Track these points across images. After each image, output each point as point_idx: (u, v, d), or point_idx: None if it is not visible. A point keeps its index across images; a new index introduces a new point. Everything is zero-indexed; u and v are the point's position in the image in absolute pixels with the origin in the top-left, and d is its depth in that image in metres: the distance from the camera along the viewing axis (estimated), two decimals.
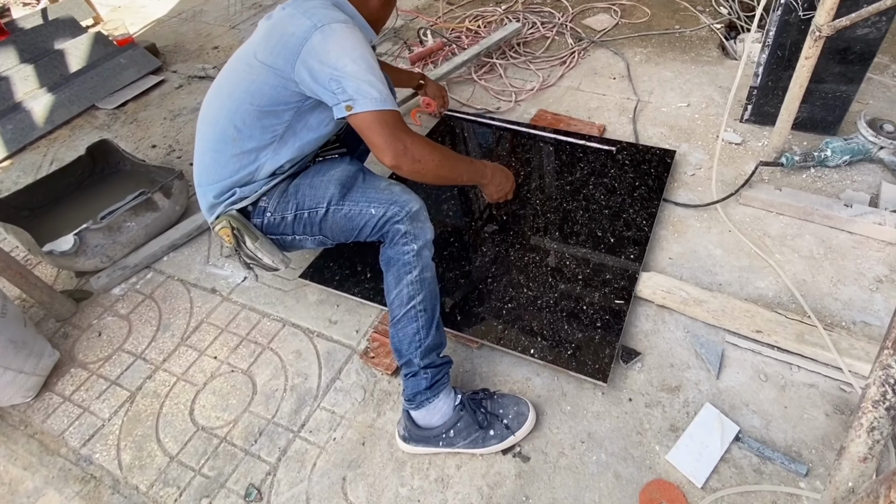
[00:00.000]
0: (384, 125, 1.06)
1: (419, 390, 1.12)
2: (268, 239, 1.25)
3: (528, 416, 1.15)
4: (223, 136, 1.19)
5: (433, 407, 1.12)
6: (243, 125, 1.17)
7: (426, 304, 1.14)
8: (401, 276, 1.14)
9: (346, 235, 1.23)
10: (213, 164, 1.22)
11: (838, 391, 1.15)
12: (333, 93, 1.05)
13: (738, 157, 1.72)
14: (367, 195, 1.19)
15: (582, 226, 1.52)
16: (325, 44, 1.05)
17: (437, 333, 1.15)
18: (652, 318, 1.33)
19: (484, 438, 1.13)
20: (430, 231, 1.19)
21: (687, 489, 1.05)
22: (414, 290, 1.13)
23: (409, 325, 1.13)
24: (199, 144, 1.26)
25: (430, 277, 1.17)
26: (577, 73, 2.22)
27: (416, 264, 1.14)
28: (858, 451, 0.54)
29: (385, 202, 1.15)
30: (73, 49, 2.52)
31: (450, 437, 1.13)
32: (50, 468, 1.27)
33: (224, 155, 1.20)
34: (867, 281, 1.34)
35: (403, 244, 1.14)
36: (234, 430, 1.27)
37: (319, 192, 1.20)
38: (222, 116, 1.19)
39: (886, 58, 2.00)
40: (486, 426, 1.13)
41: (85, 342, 1.52)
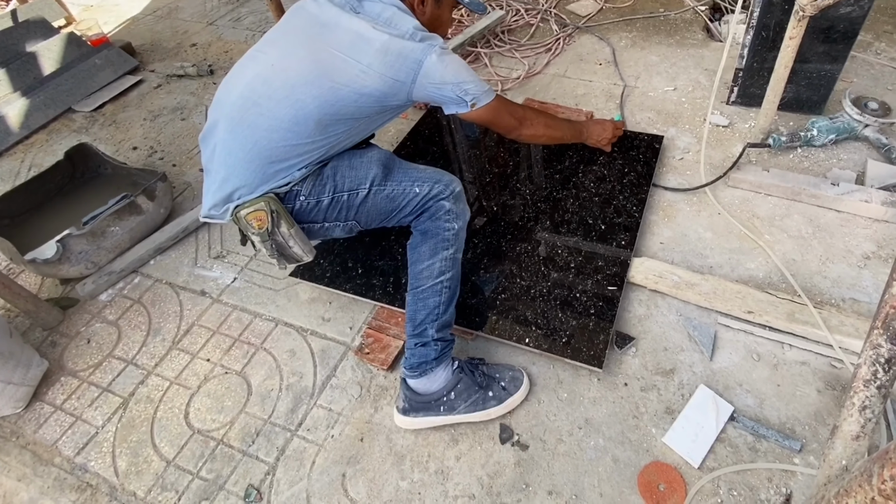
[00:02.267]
0: (505, 109, 1.27)
1: (426, 360, 1.15)
2: (299, 226, 1.19)
3: (523, 381, 1.20)
4: (305, 119, 1.09)
5: (434, 374, 1.15)
6: (329, 119, 1.11)
7: (452, 282, 1.19)
8: (437, 250, 1.18)
9: (381, 218, 1.23)
10: (281, 144, 1.10)
11: (829, 367, 1.17)
12: (461, 98, 1.17)
13: (726, 140, 1.73)
14: (409, 175, 1.21)
15: (573, 214, 1.51)
16: (442, 69, 1.13)
17: (453, 311, 1.20)
18: (645, 302, 1.34)
19: (484, 400, 1.16)
20: (468, 212, 1.26)
21: (684, 470, 1.06)
22: (446, 267, 1.18)
23: (432, 297, 1.17)
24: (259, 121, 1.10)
25: (460, 259, 1.23)
26: (562, 59, 2.21)
27: (453, 242, 1.19)
28: (851, 429, 0.55)
29: (430, 180, 1.20)
30: (45, 51, 2.46)
31: (451, 399, 1.15)
32: (45, 478, 1.26)
33: (297, 138, 1.10)
34: (855, 258, 1.36)
35: (446, 221, 1.19)
36: (231, 432, 1.26)
37: (361, 173, 1.18)
38: (310, 100, 1.09)
39: (870, 35, 2.01)
40: (486, 387, 1.17)
41: (74, 350, 1.49)
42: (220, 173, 1.13)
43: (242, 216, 1.12)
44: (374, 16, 1.13)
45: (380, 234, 1.57)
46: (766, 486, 1.03)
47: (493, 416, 1.17)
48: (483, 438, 1.17)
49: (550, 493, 1.07)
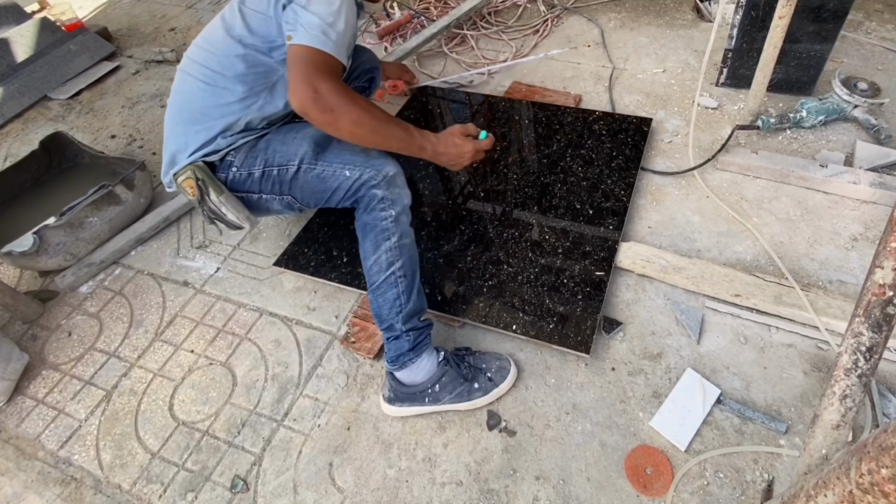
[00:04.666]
0: (306, 64, 0.98)
1: (402, 352, 1.13)
2: (232, 194, 1.20)
3: (510, 370, 1.18)
4: (215, 78, 1.14)
5: (417, 366, 1.14)
6: (236, 69, 1.13)
7: (405, 269, 1.13)
8: (379, 243, 1.12)
9: (316, 198, 1.19)
10: (199, 104, 1.16)
11: (816, 350, 1.17)
12: (287, 22, 1.02)
13: (715, 122, 1.71)
14: (342, 156, 1.14)
15: (560, 199, 1.50)
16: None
17: (417, 299, 1.15)
18: (632, 287, 1.33)
19: (469, 391, 1.15)
20: (408, 196, 1.17)
21: (671, 453, 1.07)
22: (393, 257, 1.12)
23: (389, 290, 1.13)
24: (184, 86, 1.19)
25: (409, 243, 1.15)
26: (550, 41, 2.17)
27: (394, 230, 1.12)
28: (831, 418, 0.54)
29: (360, 164, 1.12)
30: (18, 37, 2.37)
31: (435, 392, 1.14)
32: (28, 472, 1.24)
33: (211, 98, 1.15)
34: (843, 240, 1.36)
35: (381, 210, 1.12)
36: (216, 423, 1.25)
37: (291, 149, 1.15)
38: (215, 60, 1.14)
39: (860, 14, 1.99)
40: (471, 379, 1.16)
41: (55, 343, 1.47)
42: (165, 139, 1.20)
43: (179, 183, 1.18)
44: None
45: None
46: (752, 468, 1.03)
47: (479, 406, 1.17)
48: (470, 425, 1.16)
49: (538, 478, 1.07)
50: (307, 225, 1.56)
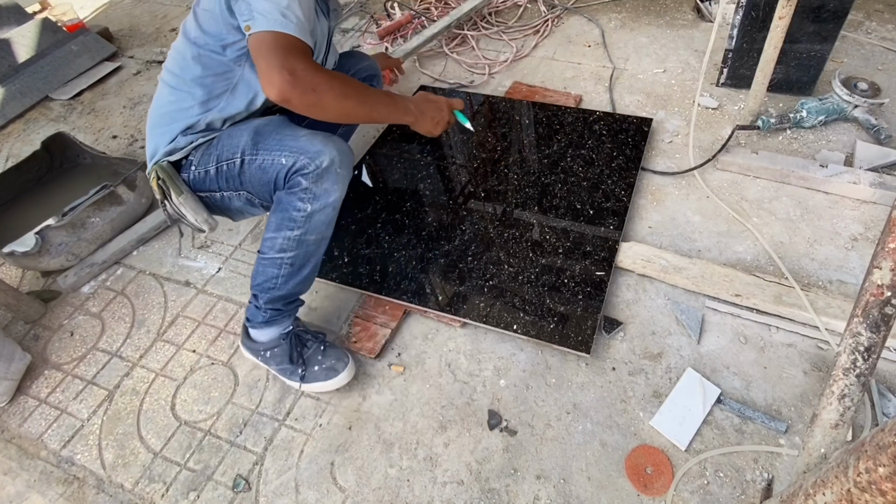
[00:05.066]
0: (274, 49, 0.93)
1: (254, 319, 1.20)
2: (194, 196, 1.17)
3: (338, 376, 1.21)
4: (177, 82, 1.15)
5: (261, 331, 1.21)
6: (193, 72, 1.13)
7: (295, 261, 1.13)
8: (281, 227, 1.10)
9: (265, 190, 1.14)
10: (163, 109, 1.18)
11: (816, 349, 1.17)
12: (241, 14, 0.98)
13: (715, 122, 1.71)
14: (281, 143, 1.07)
15: (561, 199, 1.50)
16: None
17: (294, 286, 1.16)
18: (633, 287, 1.33)
19: (291, 373, 1.22)
20: (337, 193, 1.09)
21: (671, 453, 1.07)
22: (288, 246, 1.11)
23: (270, 267, 1.14)
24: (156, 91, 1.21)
25: (313, 240, 1.12)
26: (551, 41, 2.17)
27: (301, 225, 1.08)
28: (830, 418, 0.54)
29: (297, 151, 1.04)
30: (19, 37, 2.38)
31: (266, 357, 1.22)
32: (31, 472, 1.24)
33: (171, 101, 1.16)
34: (843, 240, 1.36)
35: (299, 199, 1.06)
36: (218, 423, 1.25)
37: (235, 142, 1.12)
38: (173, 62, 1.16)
39: (860, 14, 1.99)
40: (297, 363, 1.21)
41: (57, 343, 1.47)
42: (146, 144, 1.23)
43: (151, 181, 1.19)
44: None
45: (366, 221, 1.55)
46: (752, 467, 1.04)
47: (295, 388, 1.26)
48: (471, 425, 1.16)
49: (539, 477, 1.08)
50: None
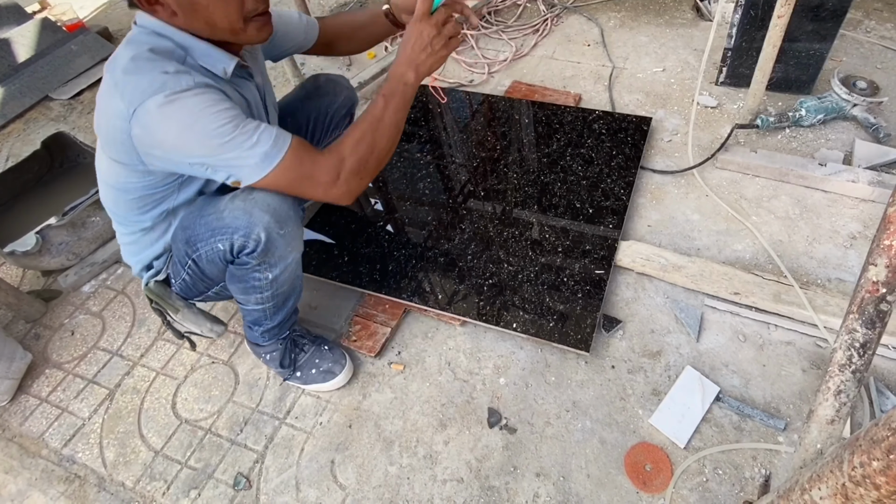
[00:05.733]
0: (292, 180, 0.87)
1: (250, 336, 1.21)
2: (192, 308, 1.13)
3: (335, 378, 1.23)
4: (121, 218, 1.05)
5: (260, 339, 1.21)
6: (130, 213, 1.01)
7: (276, 302, 1.09)
8: (248, 292, 1.04)
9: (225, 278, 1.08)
10: (122, 241, 1.10)
11: (814, 347, 1.18)
12: (207, 175, 0.87)
13: (714, 121, 1.71)
14: (208, 227, 0.94)
15: (560, 197, 1.50)
16: (153, 134, 0.81)
17: (283, 316, 1.15)
18: (632, 285, 1.34)
19: (288, 376, 1.26)
20: (294, 253, 1.01)
21: (670, 450, 1.07)
22: (262, 300, 1.07)
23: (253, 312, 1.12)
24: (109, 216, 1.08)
25: (285, 290, 1.07)
26: (550, 41, 2.17)
27: (267, 288, 1.03)
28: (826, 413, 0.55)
29: (226, 231, 0.92)
30: (19, 37, 2.38)
31: (265, 358, 1.23)
32: (32, 470, 1.25)
33: (128, 235, 1.07)
34: (841, 238, 1.36)
35: (255, 271, 0.99)
36: (219, 421, 1.26)
37: (178, 246, 1.02)
38: (110, 200, 1.02)
39: (859, 13, 1.99)
40: (288, 367, 1.23)
41: (58, 342, 1.48)
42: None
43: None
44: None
45: (366, 220, 1.55)
46: (751, 465, 1.04)
47: (294, 387, 1.28)
48: (471, 423, 1.17)
49: (538, 475, 1.08)
50: (308, 224, 1.57)
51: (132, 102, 0.79)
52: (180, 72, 0.81)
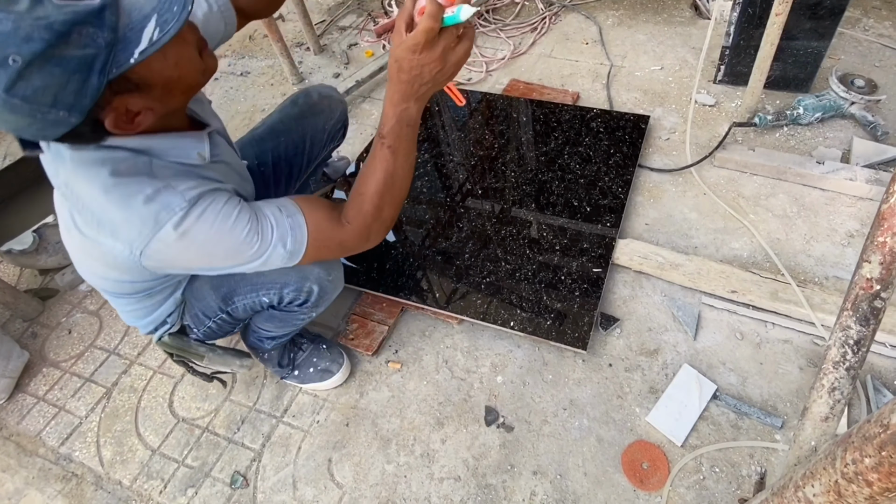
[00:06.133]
0: (325, 256, 0.86)
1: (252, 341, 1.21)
2: (216, 351, 1.10)
3: (332, 378, 1.23)
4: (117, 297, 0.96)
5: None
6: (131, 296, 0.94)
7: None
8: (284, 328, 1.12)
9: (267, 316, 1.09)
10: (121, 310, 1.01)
11: (811, 345, 1.18)
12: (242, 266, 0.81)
13: (712, 119, 1.71)
14: (249, 281, 0.95)
15: (558, 196, 1.50)
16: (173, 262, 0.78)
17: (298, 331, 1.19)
18: (630, 284, 1.34)
19: (285, 375, 1.26)
20: (339, 289, 1.06)
21: (667, 448, 1.07)
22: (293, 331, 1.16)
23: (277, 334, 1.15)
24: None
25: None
26: (548, 39, 2.17)
27: (306, 323, 1.12)
28: (820, 411, 0.55)
29: (275, 286, 0.95)
30: None
31: (263, 357, 1.24)
32: (29, 469, 1.25)
33: (128, 305, 0.98)
34: (839, 236, 1.36)
35: (301, 314, 1.05)
36: (216, 420, 1.26)
37: (206, 303, 1.00)
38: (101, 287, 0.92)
39: (857, 11, 1.99)
40: (286, 367, 1.24)
41: (55, 341, 1.47)
42: None
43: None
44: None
45: None
46: (748, 463, 1.04)
47: (291, 386, 1.29)
48: (468, 421, 1.17)
49: (535, 473, 1.08)
50: None
51: (134, 244, 0.72)
52: (162, 190, 0.71)
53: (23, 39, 0.55)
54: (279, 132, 1.23)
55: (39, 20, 0.56)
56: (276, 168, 1.21)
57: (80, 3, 0.58)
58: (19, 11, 0.56)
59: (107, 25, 0.59)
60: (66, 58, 0.58)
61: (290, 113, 1.26)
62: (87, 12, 0.58)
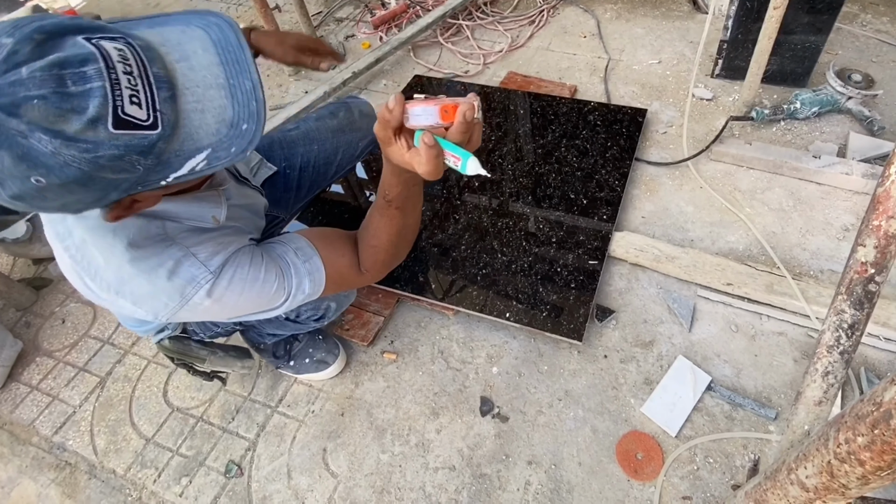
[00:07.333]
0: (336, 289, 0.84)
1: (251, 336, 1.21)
2: (218, 354, 1.09)
3: (328, 368, 1.24)
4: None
5: None
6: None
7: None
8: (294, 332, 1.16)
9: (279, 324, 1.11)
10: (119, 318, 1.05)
11: (806, 338, 1.18)
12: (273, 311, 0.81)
13: (709, 113, 1.71)
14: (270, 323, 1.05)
15: (555, 188, 1.50)
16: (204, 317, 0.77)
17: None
18: (625, 276, 1.34)
19: (281, 366, 1.26)
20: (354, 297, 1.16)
21: (662, 439, 1.08)
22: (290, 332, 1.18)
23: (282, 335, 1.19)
24: None
25: None
26: (546, 32, 2.16)
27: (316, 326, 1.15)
28: (814, 395, 0.55)
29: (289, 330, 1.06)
30: None
31: (260, 348, 1.25)
32: (23, 458, 1.24)
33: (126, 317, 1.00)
34: (835, 230, 1.37)
35: (315, 323, 1.11)
36: (211, 409, 1.25)
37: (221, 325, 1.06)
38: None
39: (855, 6, 1.99)
40: (282, 358, 1.24)
41: (49, 330, 1.47)
42: None
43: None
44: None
45: (359, 211, 1.54)
46: (742, 453, 1.05)
47: (287, 376, 1.29)
48: (463, 411, 1.17)
49: (530, 462, 1.08)
50: (301, 215, 1.56)
51: (159, 314, 0.70)
52: (183, 261, 0.68)
53: (60, 166, 0.47)
54: (313, 140, 1.22)
55: (86, 151, 0.47)
56: (302, 173, 1.19)
57: (137, 134, 0.49)
58: (66, 135, 0.46)
59: (154, 154, 0.52)
60: (96, 181, 0.50)
61: (328, 124, 1.24)
62: (142, 146, 0.50)
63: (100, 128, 0.47)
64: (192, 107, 0.52)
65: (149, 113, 0.49)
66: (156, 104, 0.50)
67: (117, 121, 0.47)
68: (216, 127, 0.54)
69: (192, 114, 0.52)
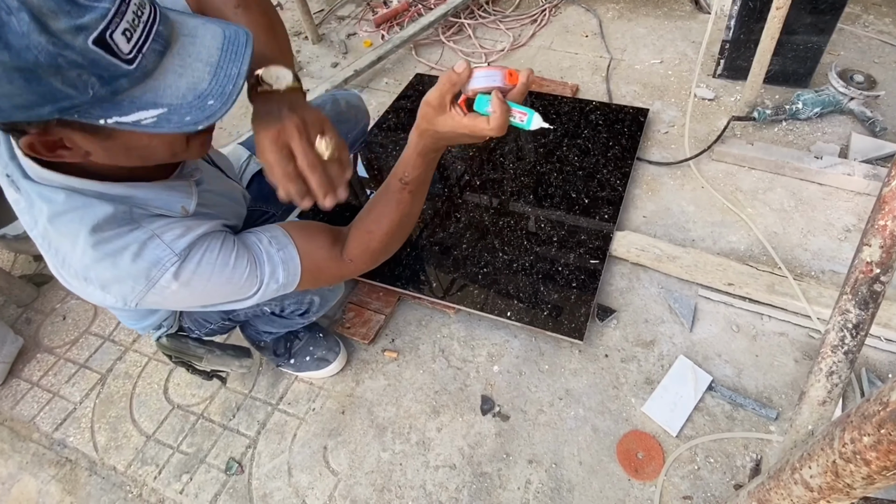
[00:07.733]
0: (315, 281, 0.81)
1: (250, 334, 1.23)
2: (215, 353, 1.08)
3: (328, 366, 1.24)
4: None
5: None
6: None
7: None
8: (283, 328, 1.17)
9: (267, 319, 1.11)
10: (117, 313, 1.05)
11: (807, 338, 1.18)
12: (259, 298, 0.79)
13: (711, 113, 1.71)
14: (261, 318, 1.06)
15: (556, 188, 1.50)
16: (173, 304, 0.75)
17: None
18: (627, 276, 1.34)
19: (283, 363, 1.26)
20: (341, 292, 1.16)
21: (662, 439, 1.08)
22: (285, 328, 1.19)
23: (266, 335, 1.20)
24: None
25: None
26: (548, 31, 2.16)
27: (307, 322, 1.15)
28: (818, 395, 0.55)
29: (277, 299, 0.97)
30: None
31: (260, 346, 1.26)
32: (23, 454, 1.24)
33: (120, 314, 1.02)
34: (836, 231, 1.37)
35: (301, 319, 1.11)
36: (211, 407, 1.25)
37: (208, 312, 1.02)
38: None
39: (858, 7, 1.99)
40: (282, 356, 1.25)
41: (49, 327, 1.46)
42: None
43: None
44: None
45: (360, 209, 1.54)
46: (742, 453, 1.05)
47: (288, 374, 1.29)
48: (464, 410, 1.17)
49: (531, 461, 1.08)
50: (302, 213, 1.55)
51: (127, 298, 0.68)
52: (147, 244, 0.66)
53: (20, 48, 0.45)
54: None
55: (54, 45, 0.46)
56: None
57: (109, 59, 0.49)
58: (48, 28, 0.45)
59: (111, 86, 0.50)
60: (42, 82, 0.47)
61: None
62: (106, 71, 0.49)
63: (80, 36, 0.47)
64: (173, 69, 0.54)
65: (132, 50, 0.50)
66: (143, 48, 0.51)
67: (100, 41, 0.48)
68: (183, 92, 0.54)
69: (169, 74, 0.53)
